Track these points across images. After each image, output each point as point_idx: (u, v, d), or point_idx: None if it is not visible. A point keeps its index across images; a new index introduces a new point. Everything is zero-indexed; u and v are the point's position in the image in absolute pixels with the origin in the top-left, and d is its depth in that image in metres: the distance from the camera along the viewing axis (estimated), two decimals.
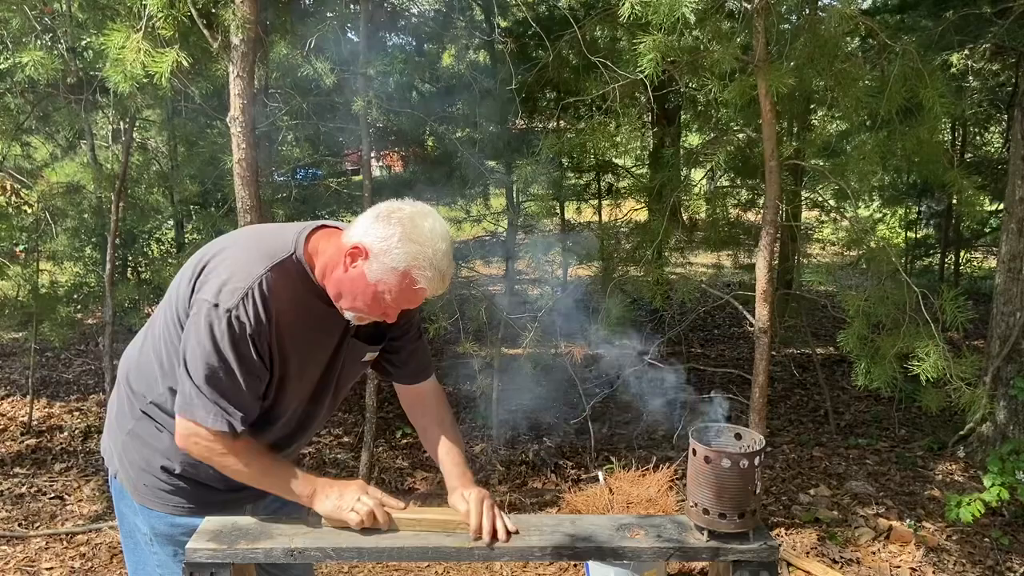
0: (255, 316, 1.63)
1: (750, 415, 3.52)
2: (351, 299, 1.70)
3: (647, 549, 1.68)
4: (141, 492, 1.85)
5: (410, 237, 1.64)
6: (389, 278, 1.65)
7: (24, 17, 4.26)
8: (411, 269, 1.64)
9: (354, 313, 1.73)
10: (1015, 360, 4.44)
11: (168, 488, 1.83)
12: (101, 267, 5.40)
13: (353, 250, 1.67)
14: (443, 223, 1.71)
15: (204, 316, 1.63)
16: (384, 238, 1.64)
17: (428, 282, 1.66)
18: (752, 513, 1.65)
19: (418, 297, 1.70)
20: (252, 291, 1.63)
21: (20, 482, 4.44)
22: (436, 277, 1.66)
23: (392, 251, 1.63)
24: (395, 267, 1.64)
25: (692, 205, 6.38)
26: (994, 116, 7.94)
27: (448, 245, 1.68)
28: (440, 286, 1.68)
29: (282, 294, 1.68)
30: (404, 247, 1.63)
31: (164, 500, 1.84)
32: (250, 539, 1.68)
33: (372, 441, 4.28)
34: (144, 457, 1.83)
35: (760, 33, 3.07)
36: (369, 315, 1.73)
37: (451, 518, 1.74)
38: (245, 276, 1.65)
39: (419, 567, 3.60)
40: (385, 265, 1.64)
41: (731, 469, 1.62)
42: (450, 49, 6.28)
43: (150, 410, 1.82)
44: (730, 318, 8.36)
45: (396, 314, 1.74)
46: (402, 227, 1.65)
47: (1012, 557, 3.64)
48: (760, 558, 1.65)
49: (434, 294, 1.71)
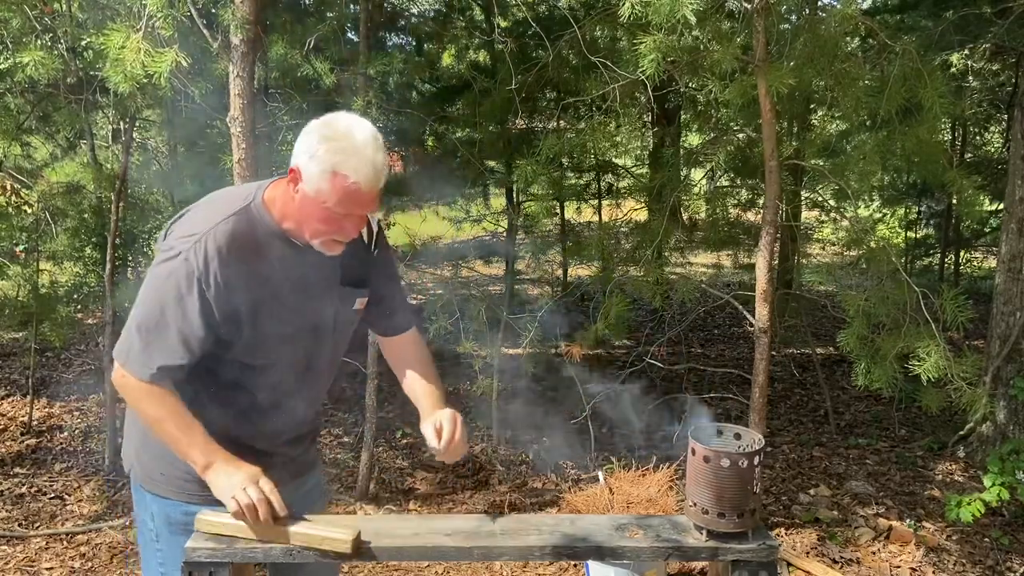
0: (204, 259, 1.65)
1: (750, 415, 3.52)
2: (305, 224, 1.72)
3: (646, 549, 1.68)
4: (157, 481, 1.86)
5: (328, 137, 1.65)
6: (323, 184, 1.65)
7: (24, 17, 4.26)
8: (337, 166, 1.63)
9: (319, 240, 1.73)
10: (1015, 360, 4.44)
11: (184, 476, 1.82)
12: (101, 267, 5.39)
13: (290, 175, 1.69)
14: (363, 121, 1.71)
15: (158, 262, 1.69)
16: (307, 150, 1.65)
17: (357, 173, 1.63)
18: (751, 513, 1.65)
19: (357, 194, 1.65)
20: (206, 237, 1.66)
21: (20, 482, 4.44)
22: (363, 166, 1.64)
23: (316, 157, 1.64)
24: (324, 171, 1.64)
25: (692, 205, 6.38)
26: (994, 116, 7.95)
27: (371, 135, 1.67)
28: (372, 174, 1.65)
29: (243, 241, 1.70)
30: (324, 148, 1.64)
31: (180, 488, 1.84)
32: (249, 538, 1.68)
33: (372, 441, 4.28)
34: (161, 447, 1.83)
35: (760, 33, 3.07)
36: (330, 234, 1.72)
37: (331, 535, 1.65)
38: (203, 225, 1.69)
39: (419, 567, 3.60)
40: (315, 174, 1.65)
41: (730, 469, 1.62)
42: (450, 49, 6.29)
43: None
44: (730, 318, 8.36)
45: (354, 226, 1.72)
46: (319, 132, 1.66)
47: (1012, 557, 3.64)
48: (759, 558, 1.65)
49: (371, 187, 1.66)
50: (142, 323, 1.68)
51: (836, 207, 5.39)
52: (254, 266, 1.72)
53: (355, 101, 4.04)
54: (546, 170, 3.99)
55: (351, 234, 1.74)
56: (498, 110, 4.69)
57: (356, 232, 1.75)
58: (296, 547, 1.65)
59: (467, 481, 4.58)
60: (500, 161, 5.70)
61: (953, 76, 7.03)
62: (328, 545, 1.63)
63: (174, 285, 1.65)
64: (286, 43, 4.25)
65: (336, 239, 1.73)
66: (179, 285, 1.65)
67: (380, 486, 4.43)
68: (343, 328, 1.94)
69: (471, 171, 5.05)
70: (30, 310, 5.23)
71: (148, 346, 1.67)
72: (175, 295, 1.65)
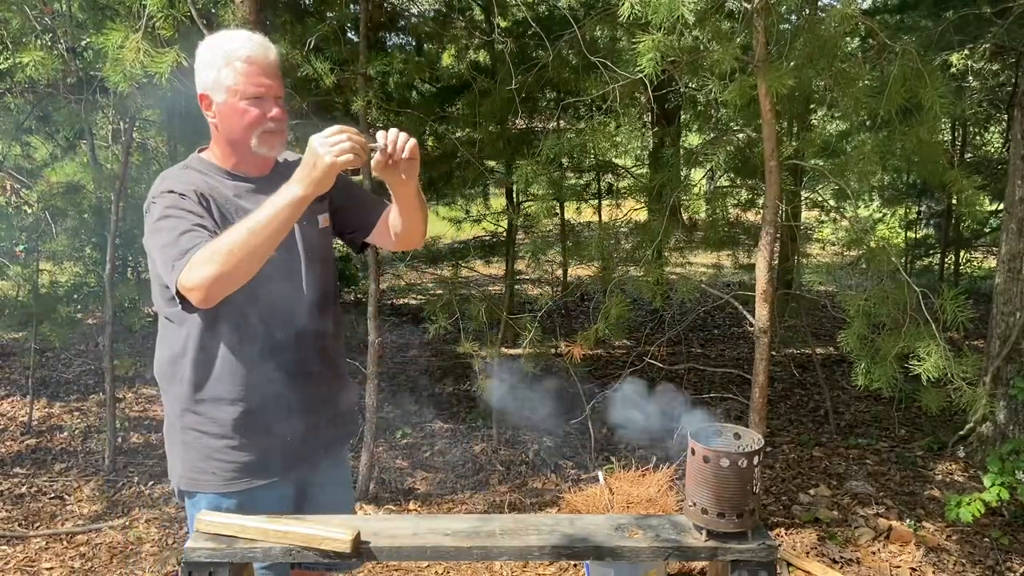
0: (180, 188, 1.76)
1: (750, 415, 3.52)
2: (237, 132, 1.80)
3: (645, 549, 1.68)
4: (208, 479, 1.88)
5: (206, 47, 1.80)
6: (225, 79, 1.76)
7: (24, 17, 4.26)
8: (226, 56, 1.75)
9: (255, 139, 1.81)
10: (1015, 360, 4.44)
11: (232, 466, 1.86)
12: (101, 267, 5.39)
13: (201, 103, 1.82)
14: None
15: (146, 218, 1.78)
16: (199, 71, 1.80)
17: (244, 48, 1.75)
18: (751, 513, 1.65)
19: (254, 66, 1.76)
20: (173, 180, 1.80)
21: (20, 482, 4.44)
22: (245, 41, 1.76)
23: (208, 65, 1.78)
24: (219, 68, 1.76)
25: (692, 205, 6.38)
26: (994, 116, 7.95)
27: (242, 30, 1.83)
28: (256, 44, 1.77)
29: (202, 180, 1.82)
30: (209, 54, 1.78)
31: (228, 479, 1.87)
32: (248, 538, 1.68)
33: (372, 441, 4.28)
34: (204, 445, 1.86)
35: (760, 33, 3.07)
36: (259, 123, 1.79)
37: (331, 535, 1.65)
38: (168, 176, 1.83)
39: (419, 567, 3.60)
40: (214, 79, 1.77)
41: (730, 468, 1.62)
42: (450, 49, 6.29)
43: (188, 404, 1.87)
44: (730, 318, 8.36)
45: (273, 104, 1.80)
46: (199, 54, 1.81)
47: (1012, 557, 3.64)
48: (758, 558, 1.65)
49: (263, 55, 1.77)
50: (164, 247, 1.68)
51: (836, 207, 5.39)
52: (217, 199, 1.80)
53: (355, 101, 4.04)
54: (546, 170, 3.99)
55: (279, 116, 1.82)
56: (498, 110, 4.68)
57: (282, 114, 1.82)
58: (296, 547, 1.66)
59: (467, 481, 4.58)
60: (500, 161, 5.70)
61: (953, 76, 7.03)
62: (328, 545, 1.64)
63: (170, 207, 1.73)
64: (286, 43, 4.25)
65: (269, 130, 1.80)
66: (175, 205, 1.73)
67: (380, 486, 4.43)
68: (317, 250, 1.93)
69: (471, 171, 5.05)
70: (30, 310, 5.23)
71: (183, 253, 1.65)
72: (176, 212, 1.72)
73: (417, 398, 5.88)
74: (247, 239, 1.60)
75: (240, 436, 1.86)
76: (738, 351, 7.22)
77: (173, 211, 1.72)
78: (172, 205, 1.73)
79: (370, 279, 4.26)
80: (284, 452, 1.90)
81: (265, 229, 1.61)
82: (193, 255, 1.63)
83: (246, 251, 1.60)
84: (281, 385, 1.86)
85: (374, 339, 4.19)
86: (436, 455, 4.96)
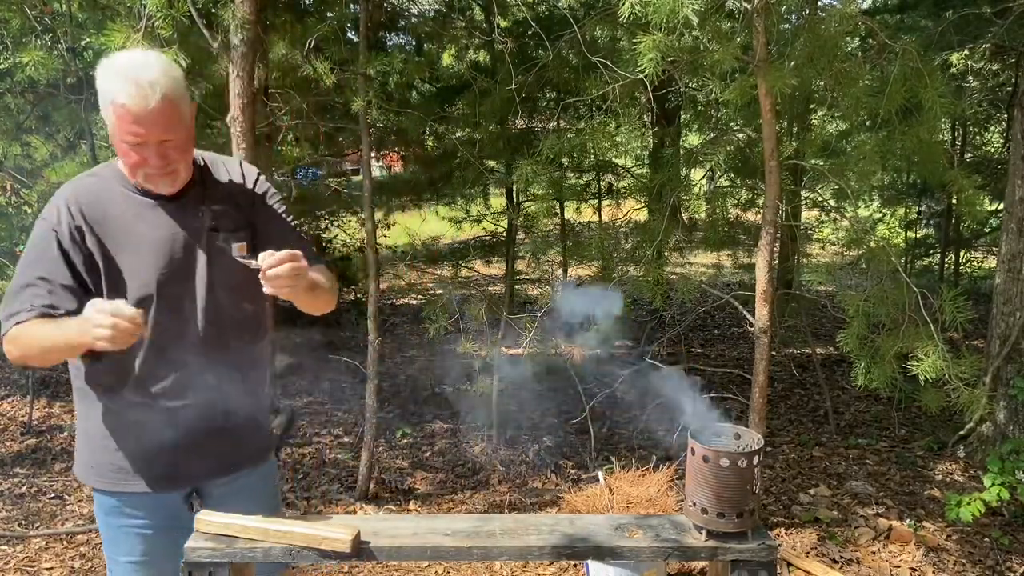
0: (59, 215, 1.72)
1: (750, 415, 3.52)
2: (126, 163, 1.72)
3: (645, 548, 1.68)
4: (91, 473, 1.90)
5: (100, 72, 1.65)
6: (109, 118, 1.66)
7: (24, 17, 4.26)
8: (111, 96, 1.63)
9: (139, 178, 1.73)
10: (1015, 360, 4.44)
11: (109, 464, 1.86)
12: None
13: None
14: (145, 51, 1.71)
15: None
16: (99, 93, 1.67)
17: (123, 94, 1.61)
18: (751, 512, 1.65)
19: (127, 116, 1.61)
20: (65, 196, 1.75)
21: (20, 482, 4.44)
22: (127, 86, 1.60)
23: (101, 94, 1.65)
24: (104, 106, 1.65)
25: (692, 205, 6.38)
26: (994, 116, 7.94)
27: (139, 57, 1.66)
28: (136, 91, 1.60)
29: (99, 194, 1.76)
30: (100, 84, 1.65)
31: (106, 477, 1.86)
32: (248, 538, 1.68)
33: (372, 441, 4.28)
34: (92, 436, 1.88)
35: (760, 33, 3.07)
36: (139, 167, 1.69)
37: (331, 535, 1.65)
38: (63, 189, 1.78)
39: (419, 567, 3.60)
40: (104, 113, 1.67)
41: (730, 468, 1.62)
42: (450, 49, 6.29)
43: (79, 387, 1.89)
44: (730, 318, 8.36)
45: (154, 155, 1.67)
46: (98, 71, 1.67)
47: (1012, 557, 3.64)
48: (758, 558, 1.65)
49: (140, 105, 1.60)
50: (9, 291, 1.74)
51: (836, 207, 5.39)
52: (116, 218, 1.76)
53: (355, 101, 4.04)
54: (546, 170, 3.99)
55: (157, 165, 1.69)
56: (498, 110, 4.69)
57: (161, 162, 1.69)
58: (296, 547, 1.66)
59: (467, 481, 4.58)
60: (500, 161, 5.70)
61: (953, 76, 7.03)
62: (328, 545, 1.64)
63: (35, 242, 1.74)
64: (286, 43, 4.25)
65: (150, 173, 1.71)
66: (39, 241, 1.73)
67: (380, 486, 4.43)
68: (226, 279, 1.81)
69: (471, 171, 5.05)
70: None
71: (11, 302, 1.72)
72: (37, 250, 1.73)
73: (417, 398, 5.89)
74: (43, 344, 1.69)
75: (112, 439, 1.85)
76: (738, 351, 7.22)
77: (34, 250, 1.73)
78: (38, 241, 1.73)
79: (370, 279, 4.26)
80: (155, 465, 1.84)
81: (55, 346, 1.69)
82: (12, 324, 1.69)
83: (40, 352, 1.72)
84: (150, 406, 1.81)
85: (374, 339, 4.19)
86: (436, 455, 4.96)
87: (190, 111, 1.73)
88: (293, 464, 4.78)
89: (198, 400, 1.81)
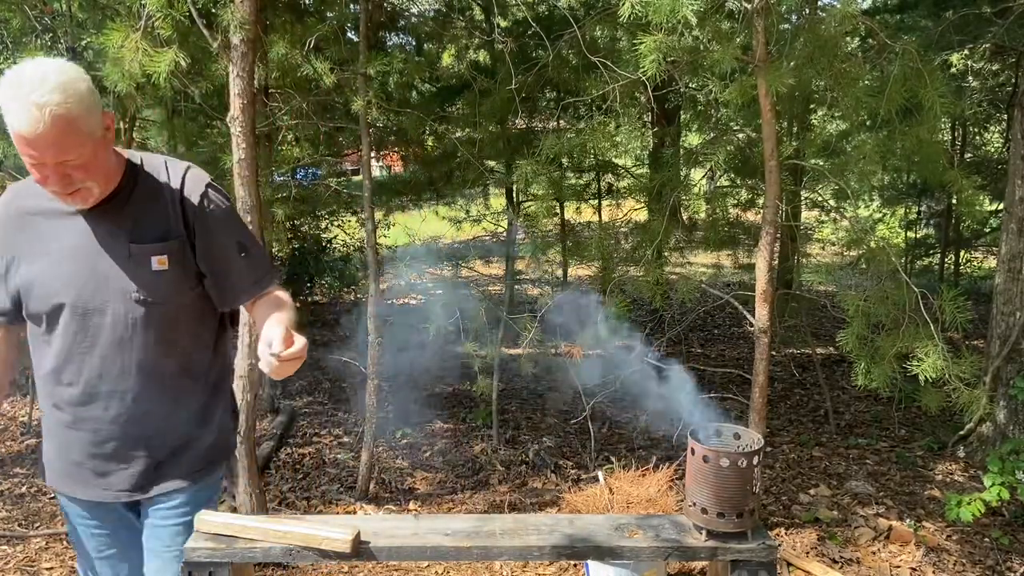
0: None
1: (750, 415, 3.52)
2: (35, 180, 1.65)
3: (645, 548, 1.68)
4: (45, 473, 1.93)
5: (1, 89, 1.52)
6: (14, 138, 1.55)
7: (24, 17, 4.26)
8: (6, 116, 1.52)
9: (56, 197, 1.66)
10: (1015, 360, 4.44)
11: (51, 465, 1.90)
12: None
13: None
14: (46, 62, 1.54)
15: None
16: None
17: (16, 117, 1.49)
18: (751, 513, 1.65)
19: (22, 139, 1.52)
20: (5, 199, 1.79)
21: (20, 482, 4.44)
22: (20, 109, 1.49)
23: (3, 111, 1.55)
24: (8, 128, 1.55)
25: (692, 205, 6.38)
26: (994, 116, 7.94)
27: (37, 74, 1.51)
28: (26, 115, 1.49)
29: (36, 198, 1.73)
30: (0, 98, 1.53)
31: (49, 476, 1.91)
32: (248, 538, 1.68)
33: (372, 441, 4.28)
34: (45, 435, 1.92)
35: (760, 33, 3.07)
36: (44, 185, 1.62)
37: (331, 535, 1.65)
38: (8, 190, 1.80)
39: (419, 567, 3.60)
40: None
41: (730, 468, 1.62)
42: (450, 49, 6.29)
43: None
44: (730, 318, 8.36)
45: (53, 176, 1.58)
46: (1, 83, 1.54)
47: (1012, 557, 3.64)
48: (758, 558, 1.65)
49: (32, 129, 1.50)
50: None
51: (836, 207, 5.39)
52: (33, 223, 1.75)
53: (355, 101, 4.04)
54: (546, 170, 3.99)
55: (58, 185, 1.60)
56: (498, 110, 4.69)
57: (62, 182, 1.59)
58: (296, 547, 1.66)
59: (467, 481, 4.58)
60: (500, 161, 5.70)
61: (953, 76, 7.04)
62: (328, 545, 1.64)
63: None
64: (286, 43, 4.25)
65: (55, 192, 1.63)
66: None
67: (380, 486, 4.43)
68: (148, 289, 1.71)
69: (471, 171, 5.05)
70: None
71: None
72: None
73: (417, 398, 5.89)
74: None
75: (51, 443, 1.88)
76: (738, 351, 7.22)
77: None
78: None
79: (370, 279, 4.26)
80: (82, 471, 1.82)
81: None
82: None
83: None
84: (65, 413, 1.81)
85: (374, 339, 4.19)
86: (436, 455, 4.96)
87: (100, 124, 1.60)
88: (293, 464, 4.78)
89: (111, 411, 1.76)
